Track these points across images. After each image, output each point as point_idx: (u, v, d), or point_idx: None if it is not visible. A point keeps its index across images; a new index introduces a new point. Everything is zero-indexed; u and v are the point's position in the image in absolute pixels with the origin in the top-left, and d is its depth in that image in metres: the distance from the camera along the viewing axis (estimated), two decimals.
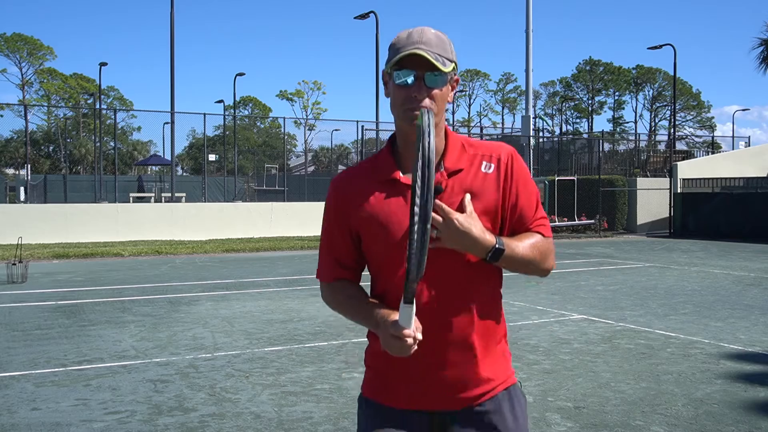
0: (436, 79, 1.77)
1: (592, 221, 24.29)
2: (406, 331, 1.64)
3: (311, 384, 5.68)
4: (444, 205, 1.72)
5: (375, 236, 1.84)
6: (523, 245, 1.83)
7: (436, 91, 1.78)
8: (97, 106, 48.26)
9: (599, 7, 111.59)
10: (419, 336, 1.67)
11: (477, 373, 1.86)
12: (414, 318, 1.66)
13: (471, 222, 1.74)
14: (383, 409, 1.90)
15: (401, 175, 1.84)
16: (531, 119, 26.96)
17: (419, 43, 1.75)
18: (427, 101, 1.76)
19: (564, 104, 78.90)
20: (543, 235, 1.90)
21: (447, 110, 1.92)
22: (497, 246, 1.76)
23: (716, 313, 9.00)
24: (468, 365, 1.84)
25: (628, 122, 76.78)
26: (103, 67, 42.71)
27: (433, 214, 1.65)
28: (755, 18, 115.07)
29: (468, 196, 1.79)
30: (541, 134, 34.36)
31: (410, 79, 1.76)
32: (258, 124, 72.63)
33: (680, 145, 46.81)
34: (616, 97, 76.70)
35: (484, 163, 1.85)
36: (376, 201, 1.84)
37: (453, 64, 1.81)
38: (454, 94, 1.89)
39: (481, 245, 1.74)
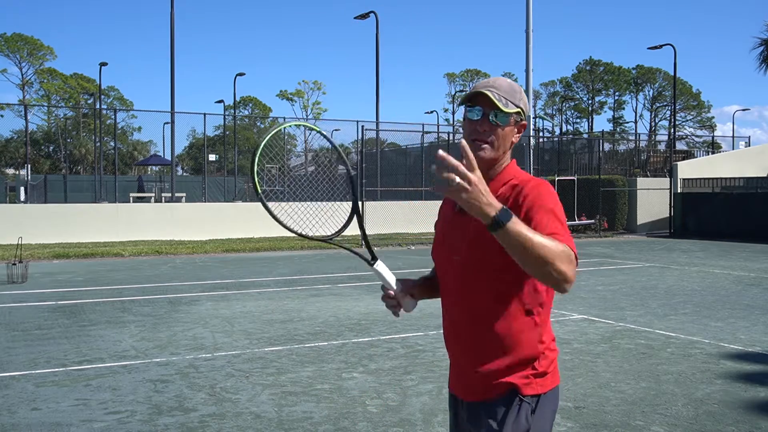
0: (499, 117, 2.02)
1: (592, 221, 24.30)
2: (388, 291, 2.21)
3: (311, 384, 5.68)
4: (471, 159, 1.72)
5: (435, 236, 2.25)
6: (533, 232, 1.77)
7: (499, 130, 2.03)
8: (97, 106, 48.28)
9: (599, 7, 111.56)
10: (398, 292, 2.19)
11: (490, 371, 2.06)
12: (389, 275, 2.17)
13: (482, 183, 1.72)
14: (451, 395, 2.27)
15: None
16: (531, 119, 26.96)
17: (490, 87, 2.04)
18: (489, 135, 2.03)
19: (564, 104, 78.90)
20: (563, 242, 1.84)
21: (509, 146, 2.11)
22: (500, 211, 1.72)
23: (716, 313, 9.01)
24: (479, 369, 2.08)
25: (628, 122, 76.84)
26: (103, 67, 42.74)
27: (456, 163, 1.69)
28: (755, 18, 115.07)
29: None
30: (541, 134, 34.36)
31: (478, 115, 2.04)
32: (258, 124, 72.62)
33: (680, 145, 46.84)
34: (616, 97, 76.72)
35: (507, 192, 2.04)
36: (444, 211, 2.24)
37: (518, 109, 2.06)
38: (520, 135, 2.12)
39: (491, 204, 1.73)
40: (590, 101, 77.16)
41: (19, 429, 4.61)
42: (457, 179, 1.69)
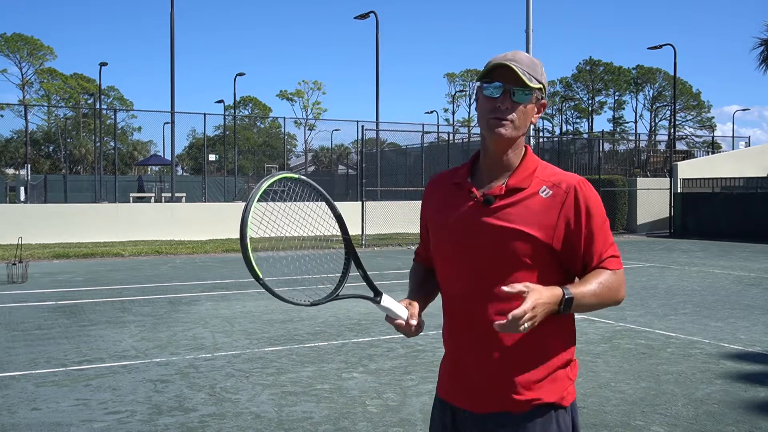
0: (523, 94, 1.85)
1: None
2: (397, 322, 1.93)
3: (311, 384, 5.68)
4: (527, 305, 1.71)
5: (435, 232, 2.03)
6: (591, 288, 1.84)
7: (521, 107, 1.86)
8: (97, 106, 48.29)
9: (599, 7, 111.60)
10: (413, 321, 1.92)
11: (505, 383, 1.89)
12: (397, 306, 1.93)
13: (538, 297, 1.74)
14: (444, 404, 2.08)
15: (469, 180, 1.97)
16: None
17: (511, 60, 1.85)
18: (510, 113, 1.85)
19: (564, 104, 78.87)
20: (612, 269, 1.90)
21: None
22: (566, 296, 1.79)
23: (716, 313, 9.00)
24: (506, 379, 1.90)
25: (628, 122, 76.78)
26: (103, 67, 42.75)
27: (521, 312, 1.70)
28: (755, 18, 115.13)
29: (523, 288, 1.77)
30: (541, 134, 34.36)
31: (498, 92, 1.85)
32: (258, 124, 72.60)
33: (680, 145, 46.81)
34: (616, 97, 76.67)
35: (544, 187, 1.89)
36: (442, 201, 2.01)
37: (541, 86, 1.89)
38: (540, 116, 1.96)
39: (555, 301, 1.78)
40: (590, 101, 77.13)
41: (19, 429, 4.61)
42: (526, 322, 1.70)
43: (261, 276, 1.82)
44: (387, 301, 1.94)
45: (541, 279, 1.84)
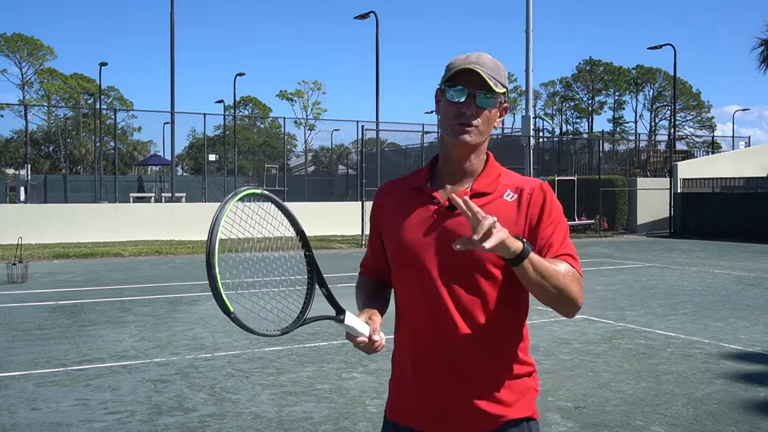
0: (487, 99, 1.81)
1: (592, 221, 24.29)
2: (359, 339, 1.81)
3: (311, 384, 5.68)
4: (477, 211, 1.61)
5: (393, 240, 1.91)
6: (546, 262, 1.74)
7: (485, 112, 1.82)
8: (97, 106, 48.29)
9: (599, 7, 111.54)
10: (376, 337, 1.81)
11: (488, 403, 1.83)
12: (359, 323, 1.81)
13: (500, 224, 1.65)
14: (398, 427, 1.95)
15: (428, 186, 1.90)
16: (531, 119, 26.96)
17: (476, 63, 1.81)
18: (475, 118, 1.81)
19: (564, 104, 78.87)
20: (572, 266, 1.81)
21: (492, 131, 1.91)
22: (525, 244, 1.67)
23: (716, 313, 9.00)
24: (479, 394, 1.82)
25: (628, 122, 76.77)
26: (103, 67, 42.78)
27: (476, 209, 1.59)
28: (755, 18, 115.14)
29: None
30: (541, 134, 34.35)
31: (462, 96, 1.80)
32: (258, 124, 72.62)
33: (680, 145, 46.85)
34: (616, 97, 76.66)
35: (509, 191, 1.87)
36: (400, 207, 1.92)
37: (505, 90, 1.86)
38: (502, 120, 1.93)
39: (513, 240, 1.66)
40: (590, 101, 77.12)
41: (19, 429, 4.61)
42: (486, 222, 1.55)
43: (232, 310, 1.72)
44: (350, 319, 1.82)
45: (507, 283, 1.81)
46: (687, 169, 26.23)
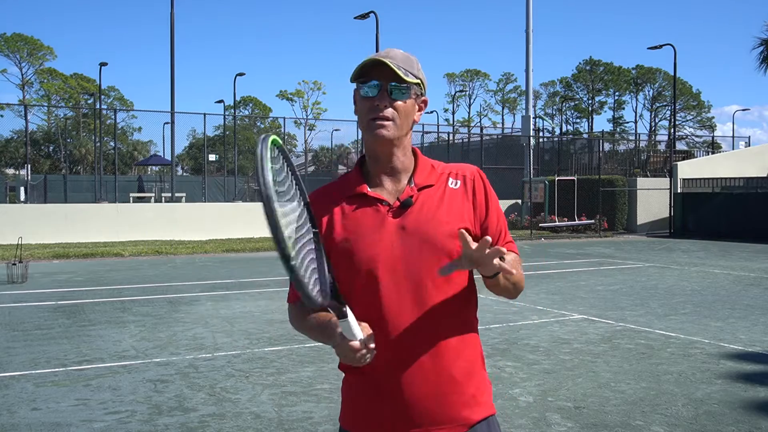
0: (400, 90, 1.78)
1: (592, 221, 24.29)
2: (353, 344, 1.60)
3: (311, 384, 5.68)
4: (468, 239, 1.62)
5: (343, 252, 1.79)
6: (511, 257, 1.79)
7: (399, 103, 1.78)
8: (97, 106, 48.25)
9: (599, 7, 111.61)
10: (372, 345, 1.63)
11: (455, 401, 1.80)
12: (356, 325, 1.62)
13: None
14: None
15: (369, 189, 1.84)
16: (531, 119, 26.96)
17: (385, 57, 1.78)
18: (390, 111, 1.77)
19: (564, 104, 78.85)
20: (516, 252, 1.89)
21: (415, 123, 1.89)
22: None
23: (716, 313, 9.00)
24: (445, 393, 1.79)
25: (628, 122, 76.75)
26: (103, 67, 42.64)
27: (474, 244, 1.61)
28: (755, 18, 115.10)
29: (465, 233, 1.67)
30: (541, 134, 34.35)
31: (375, 91, 1.78)
32: (258, 124, 72.60)
33: (680, 145, 46.87)
34: (616, 97, 76.64)
35: (451, 179, 1.87)
36: (344, 215, 1.83)
37: (419, 81, 1.81)
38: (421, 114, 1.89)
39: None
40: (590, 101, 77.10)
41: (19, 429, 4.61)
42: (496, 253, 1.58)
43: (293, 257, 1.44)
44: (351, 316, 1.62)
45: (469, 287, 1.84)
46: (687, 169, 26.22)
